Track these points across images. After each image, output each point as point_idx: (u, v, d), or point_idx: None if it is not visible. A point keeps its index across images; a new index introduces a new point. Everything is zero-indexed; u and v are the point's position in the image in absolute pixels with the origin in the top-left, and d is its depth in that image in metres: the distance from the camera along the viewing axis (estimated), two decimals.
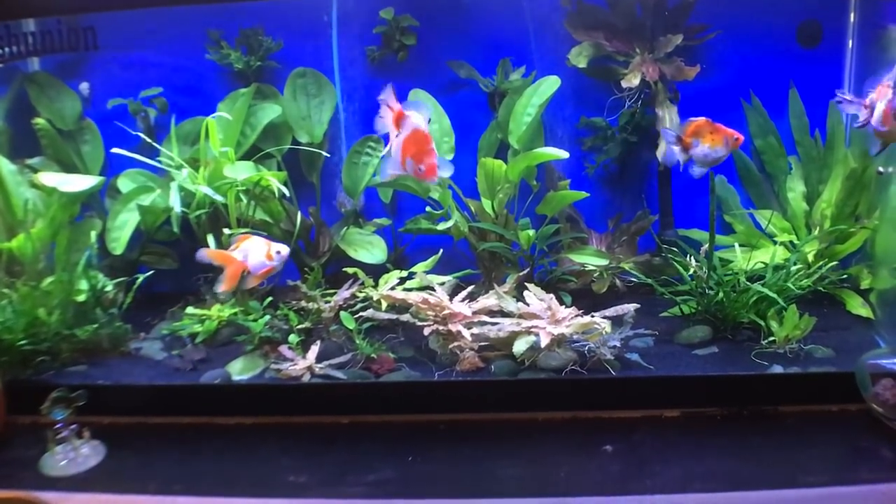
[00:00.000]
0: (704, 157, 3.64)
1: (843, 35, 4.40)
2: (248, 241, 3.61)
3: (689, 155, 3.66)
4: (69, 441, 3.19)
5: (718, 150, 3.63)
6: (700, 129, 3.63)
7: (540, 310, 3.67)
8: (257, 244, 3.60)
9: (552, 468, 3.04)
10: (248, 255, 3.57)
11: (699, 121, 3.63)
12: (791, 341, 3.61)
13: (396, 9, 4.39)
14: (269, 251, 3.59)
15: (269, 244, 3.61)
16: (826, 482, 2.85)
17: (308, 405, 3.54)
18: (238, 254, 3.57)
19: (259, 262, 3.57)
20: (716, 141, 3.62)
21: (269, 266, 3.60)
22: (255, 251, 3.58)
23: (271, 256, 3.59)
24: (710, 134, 3.62)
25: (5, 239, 4.02)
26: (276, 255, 3.60)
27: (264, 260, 3.58)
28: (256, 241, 3.62)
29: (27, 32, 4.40)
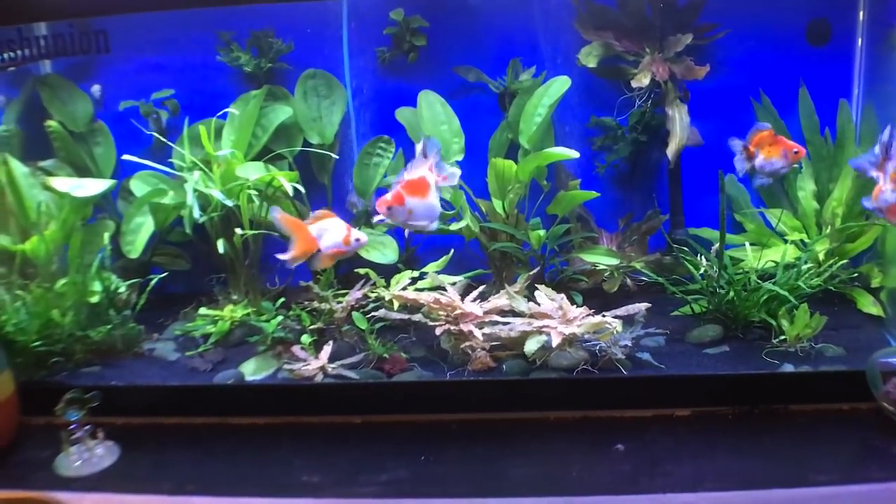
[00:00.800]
0: (762, 168, 3.65)
1: (852, 33, 4.39)
2: (328, 221, 3.46)
3: (751, 164, 3.67)
4: (83, 442, 3.21)
5: (775, 162, 3.64)
6: (762, 139, 3.65)
7: (551, 309, 3.68)
8: (336, 225, 3.45)
9: (564, 467, 3.05)
10: (322, 234, 3.43)
11: (763, 131, 3.64)
12: (802, 340, 3.61)
13: (406, 10, 4.40)
14: (347, 236, 3.44)
15: (349, 228, 3.47)
16: (837, 481, 2.85)
17: (321, 405, 3.55)
18: (313, 229, 3.42)
19: (334, 242, 3.43)
20: (773, 152, 3.63)
21: (342, 249, 3.45)
22: (332, 231, 3.43)
23: (349, 241, 3.44)
24: (770, 145, 3.63)
25: (19, 241, 4.04)
26: (354, 242, 3.45)
27: (340, 242, 3.43)
28: (336, 223, 3.46)
29: (39, 36, 4.41)
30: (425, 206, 3.44)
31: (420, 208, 3.42)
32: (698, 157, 4.46)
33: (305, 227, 3.41)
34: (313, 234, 3.40)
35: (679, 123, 4.22)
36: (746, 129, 4.31)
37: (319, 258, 3.44)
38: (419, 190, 3.42)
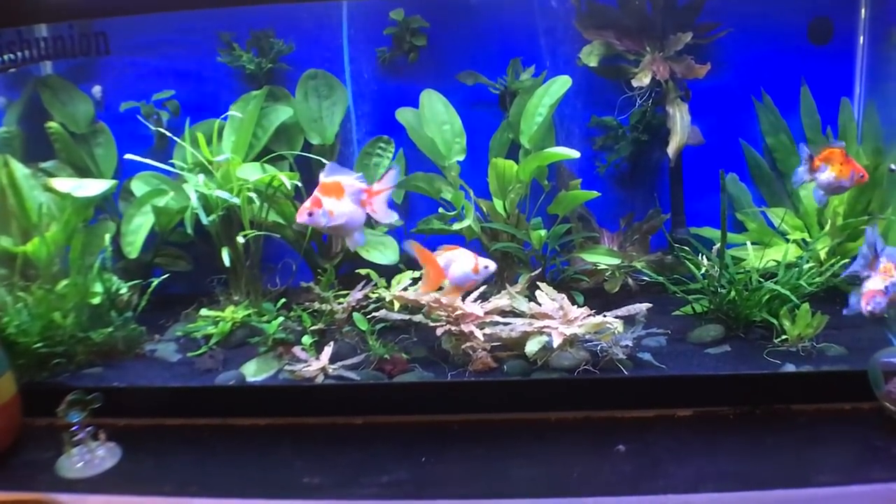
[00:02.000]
0: (827, 184, 3.66)
1: (853, 32, 4.39)
2: (455, 252, 3.56)
3: (812, 177, 3.67)
4: (85, 443, 3.21)
5: (842, 181, 3.65)
6: (832, 156, 3.65)
7: (552, 309, 3.68)
8: (464, 256, 3.54)
9: (565, 468, 3.04)
10: (450, 265, 3.52)
11: (835, 148, 3.65)
12: (803, 339, 3.61)
13: (407, 10, 4.40)
14: (476, 265, 3.52)
15: (476, 258, 3.54)
16: (839, 481, 2.84)
17: (321, 406, 3.55)
18: (441, 260, 3.52)
19: (463, 274, 3.52)
20: (843, 172, 3.63)
21: (472, 280, 3.55)
22: (460, 262, 3.53)
23: (477, 270, 3.53)
24: (840, 164, 3.63)
25: (20, 242, 4.05)
26: (483, 270, 3.54)
27: (469, 273, 3.52)
28: (463, 253, 3.55)
29: (39, 37, 4.41)
30: (344, 209, 3.49)
31: (339, 209, 3.47)
32: (699, 157, 4.47)
33: (434, 259, 3.50)
34: (441, 265, 3.51)
35: (680, 122, 4.22)
36: (747, 129, 4.37)
37: (450, 288, 3.56)
38: (334, 192, 3.48)
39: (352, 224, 3.53)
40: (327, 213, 3.44)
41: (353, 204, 3.51)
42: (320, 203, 3.44)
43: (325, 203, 3.45)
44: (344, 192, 3.50)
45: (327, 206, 3.45)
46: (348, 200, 3.51)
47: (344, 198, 3.50)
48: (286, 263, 4.48)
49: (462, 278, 3.52)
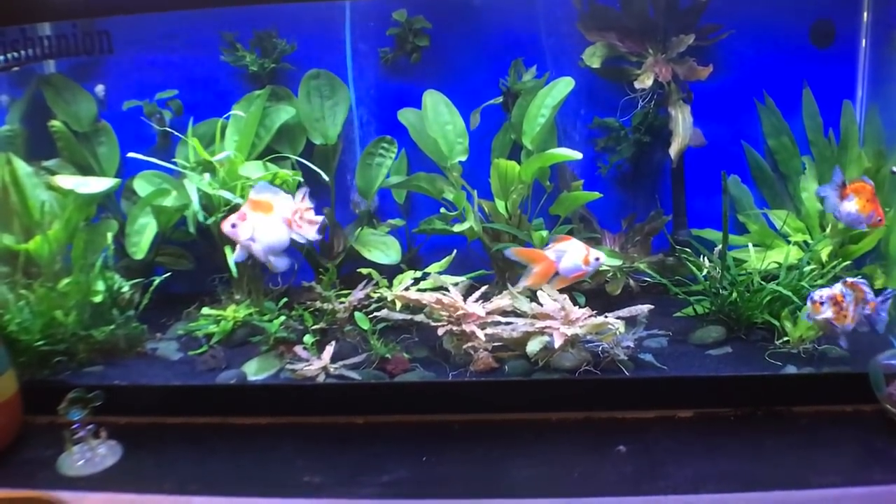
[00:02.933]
0: (846, 214, 3.67)
1: (856, 35, 4.39)
2: (567, 243, 3.56)
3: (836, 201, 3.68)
4: (86, 441, 3.21)
5: (860, 216, 3.66)
6: (861, 190, 3.66)
7: (553, 310, 3.68)
8: (576, 247, 3.54)
9: (566, 468, 3.05)
10: (562, 257, 3.53)
11: (867, 183, 3.66)
12: (805, 342, 3.61)
13: (409, 11, 4.40)
14: (586, 256, 3.52)
15: (588, 249, 3.54)
16: (840, 483, 2.84)
17: (323, 405, 3.55)
18: (551, 253, 3.54)
19: (573, 265, 3.52)
20: (865, 208, 3.63)
21: (582, 271, 3.55)
22: (571, 254, 3.53)
23: (588, 261, 3.53)
24: (866, 201, 3.64)
25: (22, 240, 4.04)
26: (594, 262, 3.53)
27: (580, 264, 3.53)
28: (575, 245, 3.55)
29: (43, 36, 4.41)
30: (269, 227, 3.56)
31: (264, 226, 3.55)
32: (701, 158, 4.47)
33: (542, 254, 3.54)
34: (552, 258, 3.52)
35: (682, 124, 4.22)
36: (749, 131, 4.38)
37: (557, 280, 3.57)
38: (263, 208, 3.55)
39: (274, 245, 3.60)
40: (251, 227, 3.52)
41: (280, 223, 3.59)
42: (246, 217, 3.52)
43: (251, 218, 3.53)
44: (273, 210, 3.56)
45: (252, 220, 3.53)
46: (277, 219, 3.58)
47: (272, 216, 3.57)
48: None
49: (572, 269, 3.53)
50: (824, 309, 3.38)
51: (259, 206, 3.56)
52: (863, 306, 3.44)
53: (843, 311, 3.39)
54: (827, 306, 3.38)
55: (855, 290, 3.43)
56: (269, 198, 3.59)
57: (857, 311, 3.42)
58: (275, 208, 3.58)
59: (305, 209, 3.67)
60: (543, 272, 3.55)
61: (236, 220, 3.52)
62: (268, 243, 3.57)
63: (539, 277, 3.57)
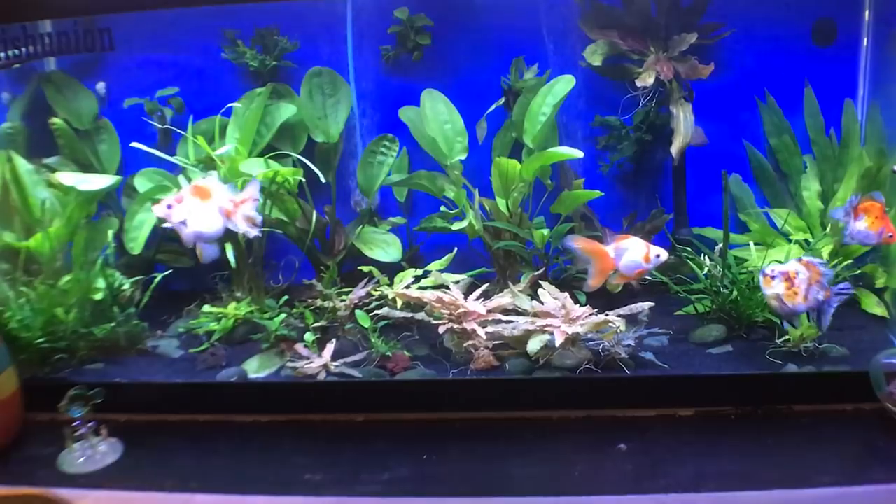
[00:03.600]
0: (857, 233, 3.66)
1: (857, 33, 4.39)
2: (628, 241, 3.51)
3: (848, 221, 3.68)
4: (87, 438, 3.21)
5: (870, 235, 3.64)
6: (870, 209, 3.65)
7: (554, 308, 3.68)
8: (637, 245, 3.49)
9: (566, 467, 3.04)
10: (622, 255, 3.48)
11: (876, 202, 3.65)
12: (806, 340, 3.61)
13: (411, 8, 4.40)
14: (647, 253, 3.48)
15: (648, 247, 3.49)
16: (840, 482, 2.84)
17: (323, 403, 3.55)
18: (612, 251, 3.48)
19: (634, 262, 3.47)
20: (874, 226, 3.63)
21: (643, 268, 3.50)
22: (632, 252, 3.48)
23: (649, 259, 3.48)
24: (875, 219, 3.63)
25: (23, 238, 4.05)
26: (654, 259, 3.49)
27: (640, 261, 3.47)
28: (636, 242, 3.51)
29: (44, 33, 4.41)
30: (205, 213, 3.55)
31: (199, 212, 3.54)
32: (702, 157, 4.47)
33: (603, 249, 3.48)
34: (612, 256, 3.47)
35: (683, 123, 4.21)
36: (750, 129, 4.37)
37: (618, 276, 3.52)
38: (202, 194, 3.55)
39: (204, 232, 3.58)
40: (186, 211, 3.51)
41: (216, 212, 3.57)
42: (182, 200, 3.52)
43: (188, 202, 3.52)
44: (210, 197, 3.56)
45: (189, 205, 3.52)
46: (213, 207, 3.57)
47: (209, 202, 3.56)
48: (289, 260, 4.48)
49: (633, 266, 3.48)
50: (775, 284, 3.37)
51: (199, 191, 3.56)
52: (818, 290, 3.42)
53: (794, 288, 3.38)
54: (779, 281, 3.36)
55: (810, 269, 3.40)
56: (210, 185, 3.60)
57: (810, 292, 3.39)
58: (213, 196, 3.58)
59: (243, 202, 3.66)
60: (603, 269, 3.50)
61: (172, 202, 3.52)
62: (197, 229, 3.56)
63: (599, 275, 3.51)
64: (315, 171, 4.14)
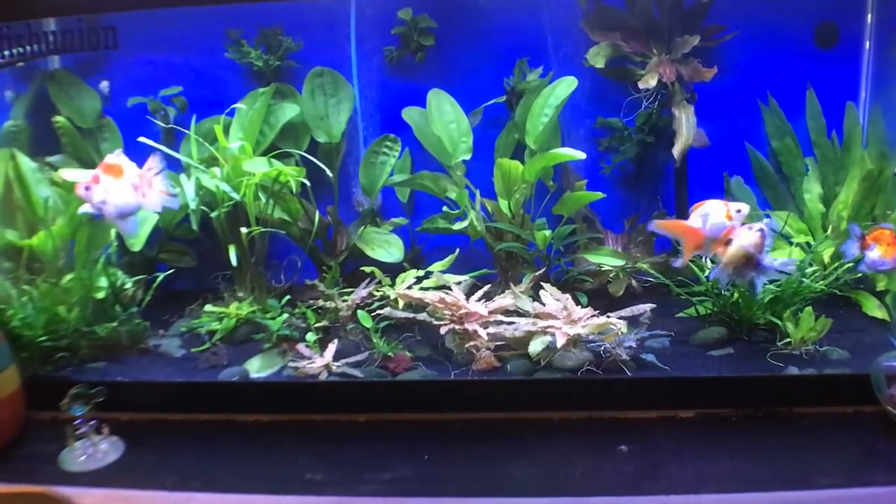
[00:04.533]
0: (872, 262, 3.66)
1: (860, 36, 4.39)
2: (704, 206, 3.45)
3: (862, 254, 3.68)
4: (88, 437, 3.22)
5: (885, 262, 3.64)
6: (882, 236, 3.65)
7: (556, 310, 3.68)
8: (715, 206, 3.43)
9: (567, 468, 3.05)
10: (706, 221, 3.42)
11: (886, 230, 3.65)
12: (807, 343, 3.61)
13: (415, 9, 4.41)
14: (727, 212, 3.41)
15: (726, 204, 3.43)
16: (841, 484, 2.84)
17: (325, 403, 3.56)
18: (695, 220, 3.44)
19: (718, 224, 3.41)
20: (887, 253, 3.63)
21: (728, 226, 3.41)
22: (713, 214, 3.41)
23: (730, 216, 3.41)
24: (888, 246, 3.64)
25: (26, 236, 4.05)
26: (736, 214, 3.41)
27: (724, 221, 3.40)
28: (713, 204, 3.45)
29: (48, 31, 4.41)
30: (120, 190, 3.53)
31: (115, 190, 3.52)
32: (704, 159, 4.47)
33: (686, 224, 3.45)
34: (696, 225, 3.43)
35: (685, 125, 4.22)
36: (752, 132, 4.37)
37: (711, 245, 3.46)
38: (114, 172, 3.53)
39: (124, 208, 3.57)
40: (104, 190, 3.50)
41: (129, 188, 3.57)
42: (99, 180, 3.51)
43: (104, 181, 3.51)
44: (123, 174, 3.56)
45: (105, 184, 3.51)
46: (126, 183, 3.56)
47: (122, 179, 3.56)
48: (291, 260, 4.49)
49: (719, 228, 3.41)
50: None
51: (111, 169, 3.56)
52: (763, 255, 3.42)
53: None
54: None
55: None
56: (120, 161, 3.60)
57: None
58: (124, 172, 3.57)
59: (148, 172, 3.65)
60: (693, 243, 3.45)
61: (90, 183, 3.51)
62: (117, 206, 3.54)
63: (691, 249, 3.47)
64: (321, 166, 4.15)
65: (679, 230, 3.49)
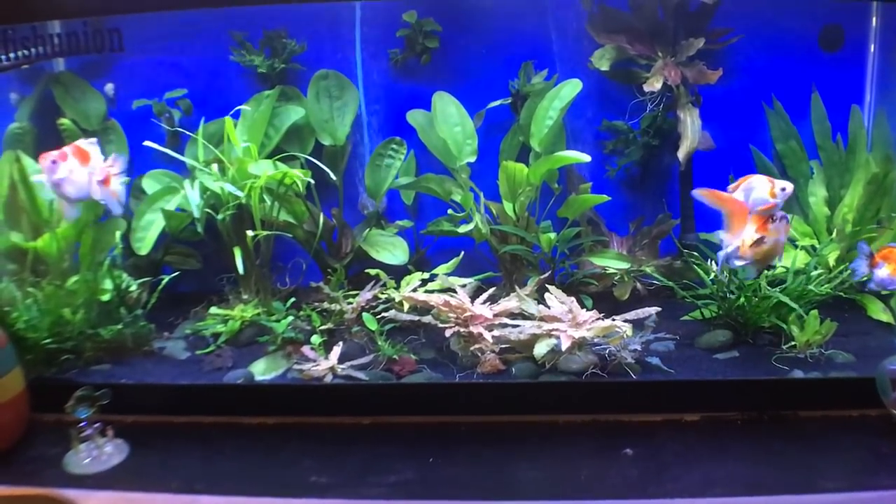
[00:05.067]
0: (881, 281, 3.65)
1: (864, 39, 4.39)
2: (749, 180, 3.44)
3: (871, 272, 3.68)
4: (93, 439, 3.21)
5: (894, 280, 3.64)
6: (889, 256, 3.65)
7: (561, 313, 3.68)
8: (760, 182, 3.42)
9: (572, 471, 3.04)
10: (749, 194, 3.41)
11: (893, 248, 3.65)
12: (812, 346, 3.61)
13: (419, 12, 4.41)
14: (772, 188, 3.39)
15: (772, 181, 3.41)
16: (845, 488, 2.84)
17: (330, 406, 3.55)
18: (740, 194, 3.43)
19: (761, 199, 3.39)
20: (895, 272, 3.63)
21: (770, 203, 3.39)
22: (757, 189, 3.40)
23: (774, 194, 3.39)
24: None
25: (31, 238, 4.06)
26: (781, 192, 3.39)
27: (767, 197, 3.39)
28: (759, 179, 3.43)
29: (53, 33, 4.41)
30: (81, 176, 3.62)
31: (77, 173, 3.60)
32: (710, 162, 4.46)
33: (731, 197, 3.44)
34: (741, 199, 3.42)
35: (690, 127, 4.21)
36: (758, 135, 4.36)
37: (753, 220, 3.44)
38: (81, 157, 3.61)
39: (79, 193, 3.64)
40: (68, 170, 3.59)
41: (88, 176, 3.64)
42: (66, 158, 3.59)
43: (70, 162, 3.59)
44: (89, 162, 3.64)
45: (70, 165, 3.59)
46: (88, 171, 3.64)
47: (87, 167, 3.63)
48: (296, 263, 4.49)
49: (761, 202, 3.40)
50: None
51: (80, 153, 3.63)
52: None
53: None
54: None
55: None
56: (91, 150, 3.67)
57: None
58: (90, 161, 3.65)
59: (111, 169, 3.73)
60: (739, 215, 3.44)
61: (57, 158, 3.58)
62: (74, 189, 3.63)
63: (738, 222, 3.46)
64: (325, 170, 4.15)
65: (722, 200, 3.47)
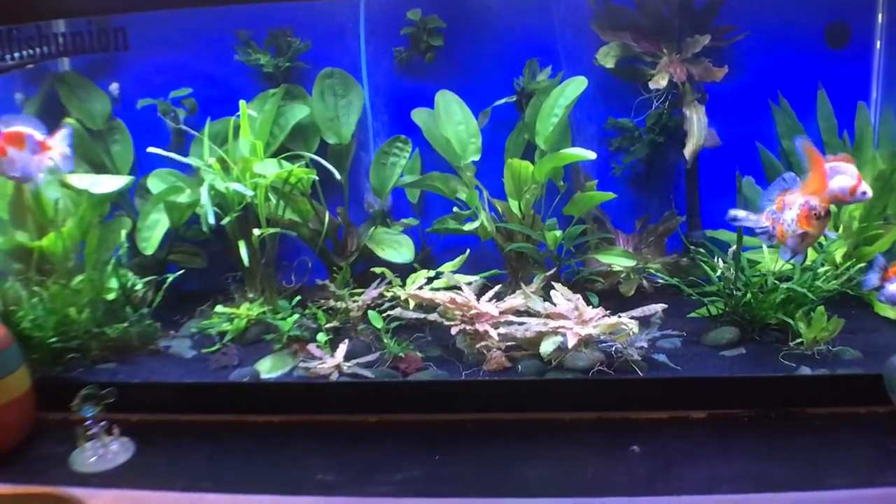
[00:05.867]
0: (891, 296, 3.64)
1: (871, 36, 4.39)
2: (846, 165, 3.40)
3: (882, 284, 3.67)
4: (99, 438, 3.21)
5: None
6: None
7: (567, 310, 3.67)
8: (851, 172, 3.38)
9: (579, 468, 3.04)
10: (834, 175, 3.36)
11: None
12: (819, 343, 3.60)
13: (424, 10, 4.41)
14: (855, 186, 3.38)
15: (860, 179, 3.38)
16: (853, 484, 2.83)
17: (336, 404, 3.55)
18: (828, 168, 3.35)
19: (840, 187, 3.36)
20: None
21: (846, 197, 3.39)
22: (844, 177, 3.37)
23: (854, 192, 3.37)
24: None
25: (36, 238, 4.06)
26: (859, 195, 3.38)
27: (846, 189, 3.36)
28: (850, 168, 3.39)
29: (58, 33, 4.42)
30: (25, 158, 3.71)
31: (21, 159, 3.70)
32: (716, 159, 4.46)
33: (822, 166, 3.35)
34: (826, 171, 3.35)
35: (696, 125, 4.21)
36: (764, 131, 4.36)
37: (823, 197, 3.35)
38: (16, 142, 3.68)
39: (31, 172, 3.74)
40: (11, 161, 3.66)
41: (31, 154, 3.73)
42: (6, 152, 3.65)
43: (10, 152, 3.66)
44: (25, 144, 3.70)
45: (11, 154, 3.67)
46: (27, 151, 3.71)
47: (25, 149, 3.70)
48: (301, 261, 4.49)
49: (839, 191, 3.37)
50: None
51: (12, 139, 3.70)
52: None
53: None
54: None
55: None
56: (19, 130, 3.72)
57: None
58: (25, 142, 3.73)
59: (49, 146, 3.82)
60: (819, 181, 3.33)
61: None
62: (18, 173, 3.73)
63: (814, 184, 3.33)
64: (329, 168, 4.14)
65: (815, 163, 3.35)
